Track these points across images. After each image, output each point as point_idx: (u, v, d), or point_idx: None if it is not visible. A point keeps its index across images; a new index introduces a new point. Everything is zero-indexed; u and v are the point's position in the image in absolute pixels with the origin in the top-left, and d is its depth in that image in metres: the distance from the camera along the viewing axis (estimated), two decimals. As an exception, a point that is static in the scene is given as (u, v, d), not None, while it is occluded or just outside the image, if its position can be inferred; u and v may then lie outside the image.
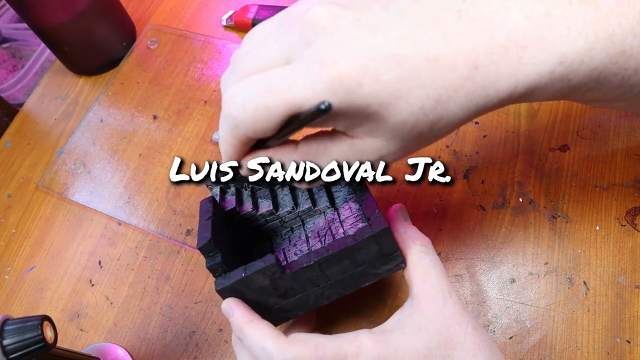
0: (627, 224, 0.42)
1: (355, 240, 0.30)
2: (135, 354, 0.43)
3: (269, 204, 0.39)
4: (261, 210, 0.39)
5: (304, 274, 0.31)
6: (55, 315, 0.46)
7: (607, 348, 0.37)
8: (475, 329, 0.31)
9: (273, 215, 0.39)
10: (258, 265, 0.30)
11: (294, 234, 0.40)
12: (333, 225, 0.39)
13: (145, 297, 0.45)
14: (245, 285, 0.31)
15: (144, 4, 0.65)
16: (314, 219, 0.40)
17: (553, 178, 0.45)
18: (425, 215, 0.45)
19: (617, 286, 0.39)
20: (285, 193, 0.40)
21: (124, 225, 0.49)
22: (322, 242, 0.38)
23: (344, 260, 0.31)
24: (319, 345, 0.29)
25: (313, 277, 0.31)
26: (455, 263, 0.42)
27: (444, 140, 0.48)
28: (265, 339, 0.29)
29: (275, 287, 0.31)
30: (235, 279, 0.31)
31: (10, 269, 0.49)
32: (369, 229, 0.31)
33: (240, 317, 0.30)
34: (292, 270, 0.31)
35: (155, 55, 0.60)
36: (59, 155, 0.55)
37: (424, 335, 0.30)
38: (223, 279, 0.31)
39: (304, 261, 0.31)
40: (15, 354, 0.29)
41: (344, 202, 0.40)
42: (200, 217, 0.35)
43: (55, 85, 0.61)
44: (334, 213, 0.40)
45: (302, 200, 0.40)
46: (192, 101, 0.55)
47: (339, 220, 0.39)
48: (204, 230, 0.33)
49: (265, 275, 0.30)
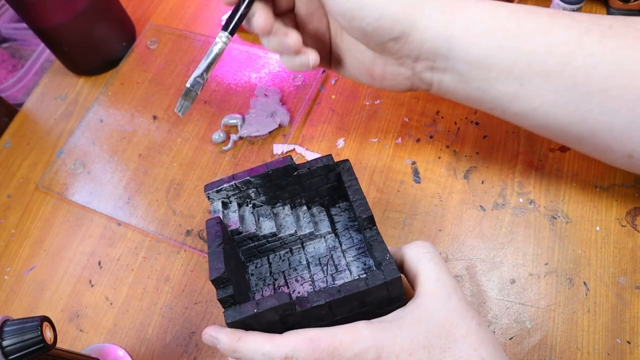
0: (627, 225, 0.42)
1: (367, 286, 0.31)
2: (135, 354, 0.43)
3: (271, 225, 0.39)
4: (264, 231, 0.39)
5: (314, 311, 0.31)
6: (55, 315, 0.46)
7: (608, 349, 0.37)
8: (479, 325, 0.31)
9: (275, 237, 0.39)
10: (271, 302, 0.31)
11: (293, 256, 0.40)
12: (335, 254, 0.39)
13: (144, 298, 0.45)
14: (255, 319, 0.31)
15: (144, 4, 0.65)
16: (314, 243, 0.41)
17: (553, 178, 0.45)
18: (425, 215, 0.44)
19: (618, 287, 0.39)
20: (287, 213, 0.41)
21: (124, 226, 0.49)
22: (324, 272, 0.39)
23: (353, 302, 0.32)
24: (315, 336, 0.29)
25: (321, 315, 0.32)
26: (455, 263, 0.42)
27: (444, 141, 0.48)
28: (262, 345, 0.30)
29: (283, 322, 0.31)
30: (248, 314, 0.31)
31: (10, 269, 0.49)
32: (381, 276, 0.32)
33: (227, 340, 0.31)
34: (303, 309, 0.31)
35: (155, 55, 0.60)
36: (58, 156, 0.55)
37: (425, 326, 0.30)
38: (234, 311, 0.31)
39: (315, 300, 0.31)
40: (14, 354, 0.29)
41: (345, 229, 0.40)
42: (209, 241, 0.35)
43: (55, 85, 0.61)
44: (334, 240, 0.40)
45: (303, 223, 0.40)
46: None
47: (340, 249, 0.40)
48: (216, 260, 0.33)
49: (277, 312, 0.31)
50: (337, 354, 0.29)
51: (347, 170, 0.38)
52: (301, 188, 0.40)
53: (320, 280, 0.38)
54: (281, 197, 0.40)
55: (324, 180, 0.40)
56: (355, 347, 0.29)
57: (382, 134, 0.49)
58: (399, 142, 0.49)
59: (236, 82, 0.56)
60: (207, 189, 0.39)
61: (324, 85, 0.54)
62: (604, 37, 0.33)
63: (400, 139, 0.49)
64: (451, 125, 0.49)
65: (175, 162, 0.52)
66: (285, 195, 0.40)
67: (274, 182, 0.39)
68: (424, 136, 0.49)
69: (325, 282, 0.38)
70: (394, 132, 0.49)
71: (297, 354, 0.29)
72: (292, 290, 0.38)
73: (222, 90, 0.56)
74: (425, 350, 0.29)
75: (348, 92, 0.53)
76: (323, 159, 0.38)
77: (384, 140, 0.49)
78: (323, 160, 0.38)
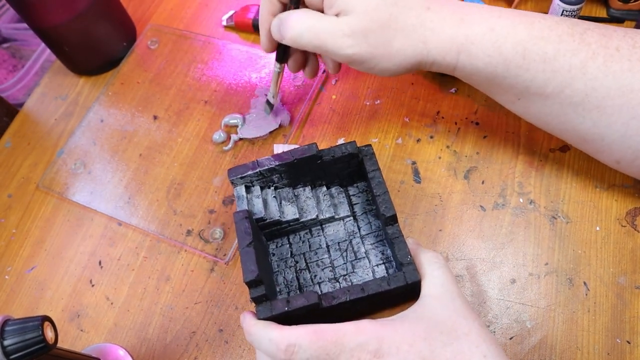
0: (627, 225, 0.42)
1: (389, 287, 0.34)
2: (135, 354, 0.43)
3: (294, 210, 0.41)
4: (287, 217, 0.40)
5: (338, 306, 0.34)
6: (56, 315, 0.46)
7: (608, 348, 0.37)
8: (481, 326, 0.31)
9: (297, 222, 0.41)
10: (301, 301, 0.33)
11: (313, 238, 0.42)
12: (353, 240, 0.41)
13: (145, 298, 0.45)
14: (284, 315, 0.33)
15: (144, 4, 0.65)
16: (333, 225, 0.42)
17: (553, 178, 0.45)
18: (425, 215, 0.45)
19: (618, 287, 0.39)
20: (308, 195, 0.42)
21: (124, 226, 0.49)
22: (344, 258, 0.41)
23: (375, 298, 0.35)
24: (319, 328, 0.31)
25: (344, 308, 0.35)
26: (455, 263, 0.42)
27: (445, 141, 0.48)
28: (270, 331, 0.32)
29: (309, 316, 0.34)
30: (278, 312, 0.33)
31: (11, 269, 0.49)
32: (402, 279, 0.34)
33: (247, 322, 0.34)
34: (329, 304, 0.34)
35: (155, 55, 0.60)
36: (59, 156, 0.55)
37: (426, 322, 0.31)
38: (264, 307, 0.34)
39: (340, 297, 0.34)
40: (15, 354, 0.29)
41: (363, 212, 0.41)
42: (239, 239, 0.36)
43: (56, 85, 0.61)
44: (353, 224, 0.42)
45: (324, 206, 0.42)
46: (193, 101, 0.55)
47: (359, 234, 0.41)
48: (248, 262, 0.35)
49: (306, 309, 0.33)
50: (339, 344, 0.30)
51: (370, 158, 0.39)
52: (323, 173, 0.42)
53: (340, 267, 0.40)
54: (303, 179, 0.42)
55: (346, 166, 0.41)
56: (358, 338, 0.30)
57: (383, 134, 0.49)
58: (399, 142, 0.49)
59: (236, 82, 0.56)
60: (231, 175, 0.40)
61: (324, 85, 0.54)
62: (608, 60, 0.34)
63: (400, 139, 0.49)
64: (451, 126, 0.49)
65: (176, 162, 0.52)
66: (308, 178, 0.42)
67: (298, 169, 0.40)
68: (424, 136, 0.49)
69: (345, 270, 0.40)
70: (395, 132, 0.49)
71: (300, 342, 0.30)
72: (314, 276, 0.40)
73: (223, 90, 0.56)
74: (425, 342, 0.30)
75: (348, 92, 0.53)
76: (347, 146, 0.39)
77: (385, 140, 0.49)
78: (347, 148, 0.39)
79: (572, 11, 0.48)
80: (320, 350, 0.30)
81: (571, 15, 0.48)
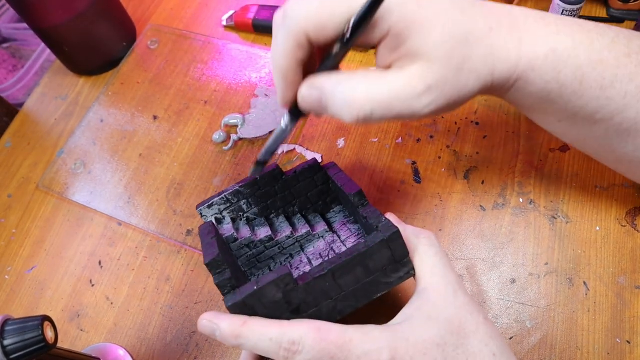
0: (627, 225, 0.42)
1: (367, 246, 0.30)
2: (135, 354, 0.43)
3: (267, 230, 0.39)
4: (259, 235, 0.38)
5: (318, 284, 0.30)
6: (56, 315, 0.46)
7: (607, 348, 0.37)
8: (486, 319, 0.31)
9: (272, 242, 0.39)
10: (271, 276, 0.29)
11: (294, 259, 0.40)
12: (334, 245, 0.39)
13: (145, 298, 0.45)
14: (257, 299, 0.30)
15: (144, 4, 0.65)
16: (312, 243, 0.40)
17: (553, 178, 0.45)
18: (425, 215, 0.45)
19: (617, 287, 0.39)
20: (282, 221, 0.41)
21: (124, 226, 0.49)
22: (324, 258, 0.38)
23: (357, 268, 0.30)
24: (323, 326, 0.29)
25: (326, 288, 0.31)
26: (455, 263, 0.42)
27: (445, 141, 0.48)
28: (269, 329, 0.29)
29: (288, 301, 0.30)
30: (248, 293, 0.29)
31: (11, 269, 0.49)
32: (380, 234, 0.30)
33: (229, 325, 0.29)
34: (305, 281, 0.30)
35: (155, 55, 0.60)
36: (59, 156, 0.55)
37: (435, 324, 0.30)
38: (234, 294, 0.30)
39: (317, 271, 0.30)
40: (15, 354, 0.29)
41: (342, 224, 0.40)
42: (202, 238, 0.34)
43: (56, 85, 0.61)
44: (332, 236, 0.40)
45: (299, 226, 0.40)
46: (193, 101, 0.55)
47: (339, 240, 0.39)
48: (209, 247, 0.32)
49: (279, 287, 0.30)
50: (346, 349, 0.28)
51: (333, 166, 0.38)
52: (291, 195, 0.40)
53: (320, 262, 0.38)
54: (273, 206, 0.40)
55: (312, 183, 0.40)
56: (365, 345, 0.28)
57: (383, 134, 0.49)
58: (399, 142, 0.49)
59: (236, 82, 0.56)
60: (198, 207, 0.39)
61: (324, 85, 0.54)
62: None
63: (400, 139, 0.49)
64: (451, 125, 0.49)
65: (176, 162, 0.52)
66: (278, 204, 0.40)
67: (263, 189, 0.39)
68: (424, 136, 0.49)
69: None
70: (394, 132, 0.49)
71: (304, 340, 0.28)
72: None
73: (223, 90, 0.56)
74: (439, 349, 0.29)
75: (348, 92, 0.53)
76: (309, 161, 0.39)
77: (385, 140, 0.49)
78: (309, 162, 0.39)
79: (572, 11, 0.48)
80: (324, 353, 0.28)
81: (571, 15, 0.48)
